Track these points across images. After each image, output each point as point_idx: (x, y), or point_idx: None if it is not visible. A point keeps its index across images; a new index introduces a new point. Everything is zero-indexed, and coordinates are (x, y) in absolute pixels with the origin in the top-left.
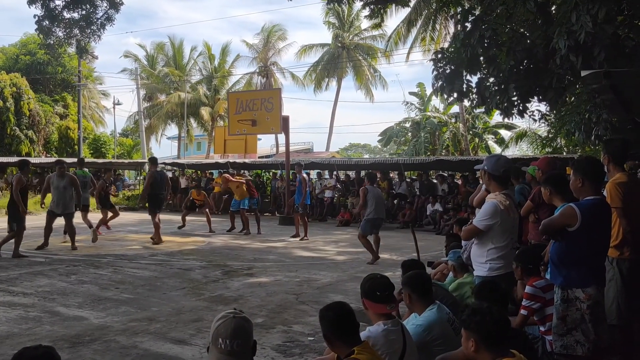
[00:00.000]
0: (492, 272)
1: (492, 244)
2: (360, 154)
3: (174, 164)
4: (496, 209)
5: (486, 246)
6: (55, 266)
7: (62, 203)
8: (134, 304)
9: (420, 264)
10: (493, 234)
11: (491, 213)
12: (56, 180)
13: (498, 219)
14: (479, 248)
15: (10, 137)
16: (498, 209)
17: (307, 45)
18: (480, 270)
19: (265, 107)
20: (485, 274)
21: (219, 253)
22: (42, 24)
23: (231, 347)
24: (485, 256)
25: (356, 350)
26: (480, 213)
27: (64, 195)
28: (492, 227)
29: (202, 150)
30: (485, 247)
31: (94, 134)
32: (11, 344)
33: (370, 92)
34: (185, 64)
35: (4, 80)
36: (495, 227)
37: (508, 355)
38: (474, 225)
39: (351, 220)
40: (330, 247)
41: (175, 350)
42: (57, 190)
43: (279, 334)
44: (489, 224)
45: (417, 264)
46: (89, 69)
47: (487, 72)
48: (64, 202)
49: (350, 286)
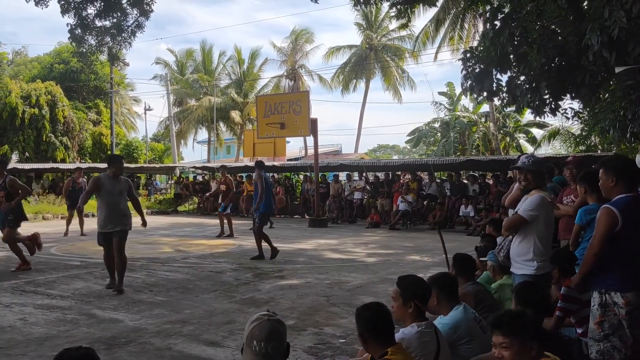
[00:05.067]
0: (539, 271)
1: (538, 240)
2: (389, 155)
3: (204, 168)
4: (543, 201)
5: (531, 242)
6: (90, 269)
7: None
8: (167, 307)
9: (472, 259)
10: (538, 228)
11: (538, 205)
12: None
13: (544, 211)
14: (524, 245)
15: (46, 144)
16: (545, 201)
17: (334, 47)
18: (525, 268)
19: (294, 110)
20: (532, 272)
21: (250, 255)
22: (74, 32)
23: (265, 349)
24: (532, 253)
25: (390, 351)
26: (526, 204)
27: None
28: (537, 219)
29: (232, 153)
30: (530, 242)
31: (126, 139)
32: (50, 345)
33: (398, 93)
34: (214, 68)
35: (40, 89)
36: (540, 220)
37: (542, 357)
38: (519, 215)
39: (381, 221)
40: (360, 249)
41: (208, 352)
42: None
43: (310, 336)
44: (535, 214)
45: (469, 258)
46: (120, 76)
47: (518, 70)
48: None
49: (381, 288)
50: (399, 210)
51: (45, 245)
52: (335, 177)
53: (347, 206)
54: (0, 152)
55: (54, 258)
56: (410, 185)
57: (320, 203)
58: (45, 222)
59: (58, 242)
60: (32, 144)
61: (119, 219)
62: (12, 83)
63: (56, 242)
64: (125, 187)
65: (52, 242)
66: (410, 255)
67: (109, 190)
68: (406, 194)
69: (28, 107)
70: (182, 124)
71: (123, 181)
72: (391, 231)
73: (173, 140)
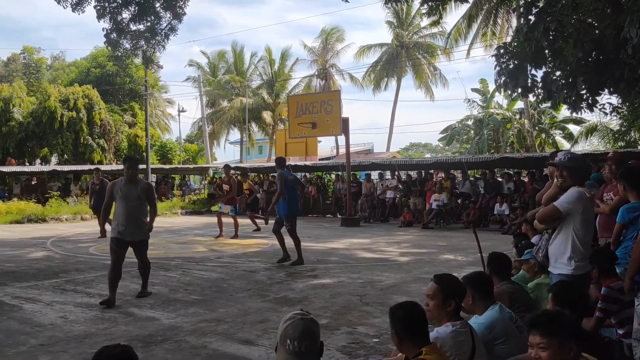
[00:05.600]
0: (577, 271)
1: (576, 238)
2: (421, 154)
3: (237, 168)
4: (581, 196)
5: (569, 240)
6: (127, 269)
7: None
8: (202, 305)
9: (507, 258)
10: (576, 226)
11: (575, 198)
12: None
13: (581, 206)
14: (562, 244)
15: (84, 146)
16: (583, 196)
17: (365, 46)
18: (562, 267)
19: (325, 110)
20: (570, 272)
21: (280, 255)
22: (110, 36)
23: (299, 348)
24: (570, 252)
25: (424, 351)
26: (563, 196)
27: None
28: (573, 213)
29: (264, 153)
30: (568, 241)
31: (160, 140)
32: (89, 343)
33: (430, 91)
34: (245, 69)
35: (77, 92)
36: (577, 217)
37: (580, 358)
38: (553, 205)
39: (413, 220)
40: (393, 248)
41: (242, 350)
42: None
43: (343, 335)
44: (571, 207)
45: (505, 257)
46: (154, 79)
47: (553, 65)
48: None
49: (414, 287)
50: (432, 209)
51: (83, 245)
52: (367, 176)
53: (379, 205)
54: (41, 154)
55: (93, 258)
56: (444, 184)
57: (353, 202)
58: (83, 223)
59: (96, 242)
60: (71, 146)
61: (137, 227)
62: (51, 87)
63: (94, 242)
64: (143, 191)
65: (90, 242)
66: (444, 255)
67: (125, 195)
68: (439, 192)
69: (66, 111)
70: (215, 125)
71: (142, 187)
72: (424, 230)
73: (206, 141)
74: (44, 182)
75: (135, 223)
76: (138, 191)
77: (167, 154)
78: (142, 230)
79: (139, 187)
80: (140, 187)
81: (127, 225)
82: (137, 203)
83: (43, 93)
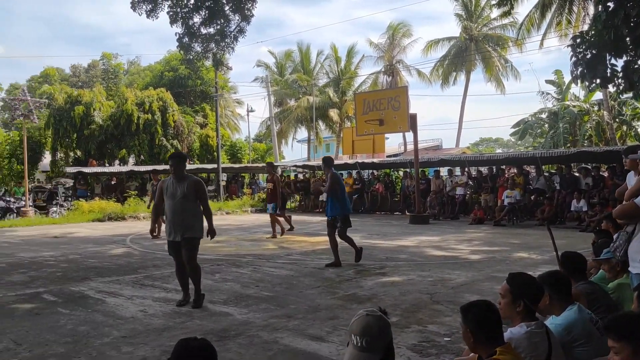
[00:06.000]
0: None
1: None
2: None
3: (305, 166)
4: None
5: None
6: (201, 265)
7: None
8: (273, 302)
9: (582, 257)
10: None
11: None
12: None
13: None
14: None
15: (159, 147)
16: None
17: (433, 40)
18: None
19: (392, 106)
20: None
21: (351, 253)
22: (182, 40)
23: (360, 343)
24: None
25: (498, 351)
26: None
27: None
28: None
29: (331, 151)
30: None
31: (230, 140)
32: (168, 335)
33: (501, 84)
34: (312, 68)
35: (152, 96)
36: None
37: None
38: (633, 202)
39: (485, 217)
40: (463, 245)
41: (313, 346)
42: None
43: (414, 333)
44: None
45: (579, 257)
46: (224, 80)
47: (635, 54)
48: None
49: (487, 286)
50: (504, 206)
51: (160, 242)
52: (436, 172)
53: (448, 202)
54: (119, 155)
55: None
56: (516, 180)
57: (421, 199)
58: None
59: None
60: (147, 147)
61: (182, 227)
62: (128, 91)
63: None
64: (190, 190)
65: (166, 240)
66: (518, 253)
67: (172, 193)
68: (512, 188)
69: (142, 113)
70: (283, 124)
71: (189, 183)
72: (496, 227)
73: (274, 139)
74: (123, 182)
75: (180, 222)
76: (184, 189)
77: (236, 153)
78: (189, 230)
79: (185, 185)
80: (187, 184)
81: (173, 226)
82: (183, 201)
83: (120, 97)
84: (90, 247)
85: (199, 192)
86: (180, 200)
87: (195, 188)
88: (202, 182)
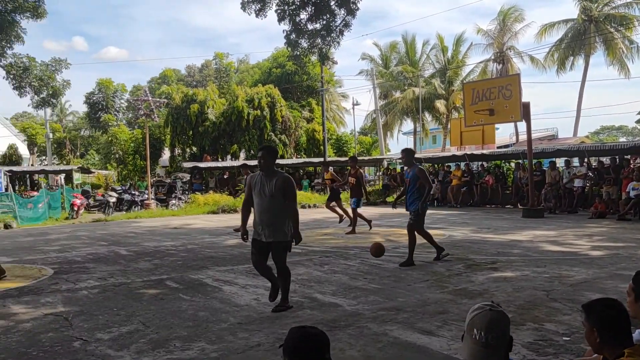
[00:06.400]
0: None
1: None
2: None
3: None
4: None
5: None
6: (310, 257)
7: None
8: (381, 294)
9: None
10: None
11: None
12: None
13: None
14: None
15: (268, 142)
16: None
17: (547, 24)
18: None
19: (503, 95)
20: None
21: (460, 246)
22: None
23: (485, 339)
24: None
25: (627, 352)
26: None
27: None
28: None
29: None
30: None
31: (336, 134)
32: (280, 324)
33: (625, 67)
34: (417, 59)
35: (261, 92)
36: None
37: None
38: None
39: (607, 211)
40: (583, 241)
41: (423, 340)
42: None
43: (529, 331)
44: None
45: None
46: (329, 74)
47: None
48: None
49: (610, 284)
50: (629, 199)
51: None
52: (551, 163)
53: (565, 195)
54: (231, 150)
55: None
56: None
57: (535, 192)
58: None
59: None
60: (256, 142)
61: (273, 228)
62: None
63: None
64: (277, 188)
65: None
66: None
67: (259, 190)
68: (638, 180)
69: (252, 110)
70: (388, 116)
71: (276, 180)
72: (620, 222)
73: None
74: (235, 176)
75: (267, 223)
76: (272, 187)
77: (342, 147)
78: (277, 233)
79: (272, 183)
80: (275, 182)
81: (261, 223)
82: (270, 201)
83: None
84: (207, 238)
85: (287, 191)
86: (269, 199)
87: (284, 186)
88: (291, 179)
